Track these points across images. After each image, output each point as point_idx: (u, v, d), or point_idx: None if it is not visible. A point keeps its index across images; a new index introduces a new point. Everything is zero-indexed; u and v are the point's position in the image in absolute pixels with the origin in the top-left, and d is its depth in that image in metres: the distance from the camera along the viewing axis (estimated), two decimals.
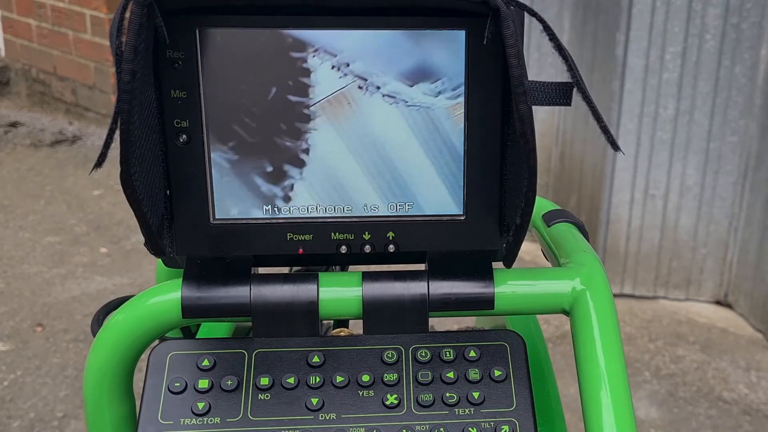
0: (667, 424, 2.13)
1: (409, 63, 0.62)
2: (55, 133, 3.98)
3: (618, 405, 0.60)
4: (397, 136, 0.64)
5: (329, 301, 0.65)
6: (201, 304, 0.64)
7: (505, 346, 0.66)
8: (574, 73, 0.58)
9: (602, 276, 0.67)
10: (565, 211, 0.79)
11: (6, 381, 2.23)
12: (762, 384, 2.29)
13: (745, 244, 2.51)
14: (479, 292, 0.65)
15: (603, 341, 0.62)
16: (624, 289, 2.67)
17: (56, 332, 2.44)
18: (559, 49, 0.59)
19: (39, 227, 3.08)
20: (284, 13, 0.61)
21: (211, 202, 0.65)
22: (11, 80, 4.40)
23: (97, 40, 3.81)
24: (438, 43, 0.62)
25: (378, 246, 0.66)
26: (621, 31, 2.39)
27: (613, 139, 0.60)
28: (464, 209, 0.66)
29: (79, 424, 2.07)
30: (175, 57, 0.61)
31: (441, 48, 0.62)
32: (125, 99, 0.53)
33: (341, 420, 0.62)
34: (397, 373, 0.64)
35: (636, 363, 2.35)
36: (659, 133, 2.47)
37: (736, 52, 2.35)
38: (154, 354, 0.64)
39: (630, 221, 2.59)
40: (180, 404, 0.62)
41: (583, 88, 0.59)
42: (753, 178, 2.44)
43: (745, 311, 2.57)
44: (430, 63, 0.62)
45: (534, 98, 0.58)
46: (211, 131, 0.63)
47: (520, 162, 0.59)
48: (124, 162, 0.54)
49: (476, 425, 0.61)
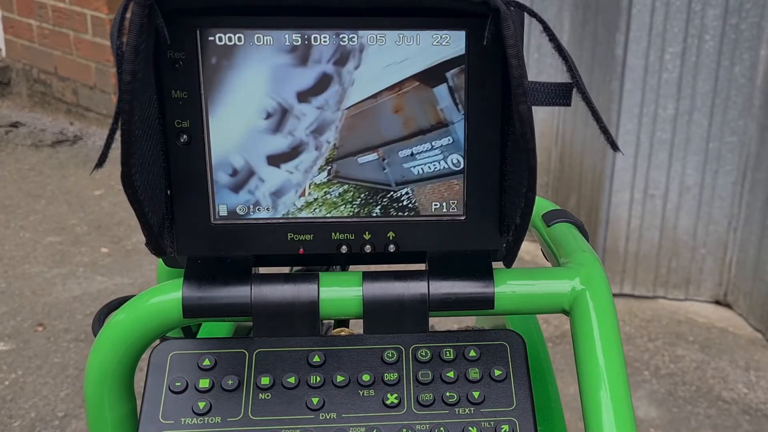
0: (667, 423, 2.13)
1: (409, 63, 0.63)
2: (56, 133, 3.98)
3: (617, 404, 0.60)
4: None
5: (330, 301, 0.65)
6: (202, 304, 0.64)
7: (505, 346, 0.66)
8: (573, 73, 0.59)
9: (602, 276, 0.67)
10: (565, 211, 0.79)
11: (7, 381, 2.23)
12: (761, 383, 2.29)
13: (745, 244, 2.51)
14: (479, 292, 0.65)
15: (603, 341, 0.63)
16: (623, 288, 2.67)
17: (57, 332, 2.44)
18: (559, 49, 0.59)
19: (40, 227, 3.08)
20: (285, 14, 0.61)
21: (211, 202, 0.65)
22: (12, 80, 4.40)
23: (98, 40, 3.81)
24: (438, 44, 0.62)
25: (378, 246, 0.66)
26: (621, 31, 2.39)
27: (612, 140, 0.61)
28: (464, 209, 0.66)
29: (80, 423, 2.08)
30: (176, 57, 0.61)
31: (441, 48, 0.62)
32: (126, 99, 0.53)
33: (341, 419, 0.62)
34: (398, 372, 0.64)
35: (635, 362, 2.35)
36: (659, 133, 2.47)
37: (736, 52, 2.35)
38: (155, 354, 0.64)
39: (629, 221, 2.60)
40: (181, 404, 0.62)
41: (582, 88, 0.59)
42: (752, 178, 2.44)
43: (744, 311, 2.57)
44: (430, 63, 0.63)
45: (534, 98, 0.58)
46: (212, 131, 0.63)
47: (520, 162, 0.60)
48: (125, 162, 0.55)
49: (476, 425, 0.62)
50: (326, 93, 0.63)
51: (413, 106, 0.64)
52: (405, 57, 0.62)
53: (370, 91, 0.63)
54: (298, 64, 0.62)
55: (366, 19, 0.61)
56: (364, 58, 0.62)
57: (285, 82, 0.62)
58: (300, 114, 0.63)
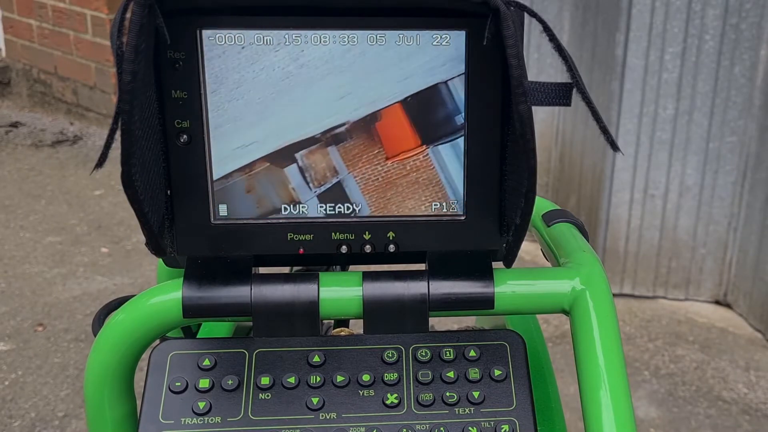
0: (667, 423, 2.13)
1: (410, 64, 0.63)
2: (56, 133, 3.98)
3: (617, 404, 0.60)
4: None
5: (330, 301, 0.65)
6: (202, 304, 0.64)
7: (505, 346, 0.66)
8: (573, 73, 0.59)
9: (602, 276, 0.67)
10: (565, 211, 0.79)
11: (7, 381, 2.23)
12: (761, 383, 2.29)
13: (745, 244, 2.51)
14: (479, 292, 0.65)
15: (602, 341, 0.63)
16: (623, 288, 2.67)
17: (57, 332, 2.44)
18: (559, 49, 0.59)
19: (40, 227, 3.08)
20: (285, 14, 0.61)
21: (211, 202, 0.65)
22: (12, 80, 4.40)
23: (98, 40, 3.81)
24: (438, 44, 0.62)
25: (378, 246, 0.66)
26: (620, 31, 2.39)
27: (612, 140, 0.61)
28: (464, 209, 0.66)
29: (80, 423, 2.08)
30: (176, 57, 0.61)
31: (441, 48, 0.62)
32: (126, 99, 0.53)
33: (341, 419, 0.62)
34: (398, 372, 0.64)
35: (635, 362, 2.35)
36: (659, 133, 2.47)
37: (736, 52, 2.35)
38: (155, 353, 0.64)
39: (629, 221, 2.60)
40: (181, 404, 0.62)
41: (582, 88, 0.59)
42: (752, 178, 2.45)
43: (744, 311, 2.57)
44: (431, 63, 0.63)
45: (534, 98, 0.58)
46: (212, 131, 0.63)
47: (520, 162, 0.60)
48: (125, 162, 0.55)
49: (476, 425, 0.62)
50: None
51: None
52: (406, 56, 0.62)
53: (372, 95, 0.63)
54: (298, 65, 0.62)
55: (366, 19, 0.61)
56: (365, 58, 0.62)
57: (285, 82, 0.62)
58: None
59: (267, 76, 0.62)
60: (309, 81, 0.62)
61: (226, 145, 0.64)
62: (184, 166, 0.64)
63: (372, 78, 0.63)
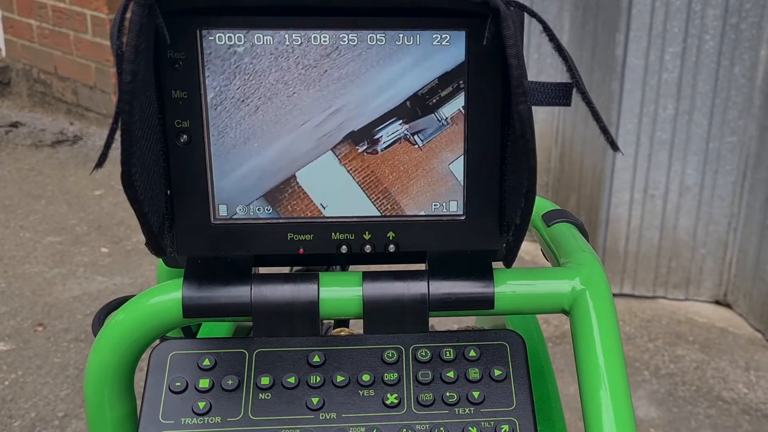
0: (667, 423, 2.13)
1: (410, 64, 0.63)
2: (56, 133, 3.98)
3: (617, 404, 0.60)
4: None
5: (330, 301, 0.65)
6: (202, 304, 0.64)
7: (505, 346, 0.66)
8: (573, 73, 0.59)
9: (602, 276, 0.67)
10: (565, 211, 0.79)
11: (7, 381, 2.23)
12: (761, 383, 2.29)
13: (745, 244, 2.52)
14: (479, 292, 0.65)
15: (602, 341, 0.63)
16: (623, 288, 2.67)
17: (57, 332, 2.44)
18: (559, 49, 0.59)
19: (40, 227, 3.08)
20: (285, 14, 0.61)
21: (211, 202, 0.65)
22: (12, 80, 4.40)
23: (98, 40, 3.81)
24: (438, 44, 0.62)
25: (378, 246, 0.66)
26: (620, 31, 2.39)
27: (612, 140, 0.61)
28: (464, 209, 0.66)
29: (80, 423, 2.08)
30: (176, 57, 0.61)
31: (441, 48, 0.62)
32: (126, 99, 0.53)
33: (341, 419, 0.62)
34: (398, 372, 0.64)
35: (635, 362, 2.35)
36: (658, 133, 2.47)
37: (736, 52, 2.35)
38: (155, 353, 0.65)
39: (629, 221, 2.60)
40: (181, 404, 0.62)
41: (582, 88, 0.59)
42: (752, 178, 2.45)
43: (744, 311, 2.57)
44: (431, 63, 0.63)
45: (534, 98, 0.58)
46: (212, 131, 0.63)
47: (520, 162, 0.60)
48: (125, 162, 0.55)
49: (476, 425, 0.62)
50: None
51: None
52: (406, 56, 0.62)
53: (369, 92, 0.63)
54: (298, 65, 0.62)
55: (366, 19, 0.61)
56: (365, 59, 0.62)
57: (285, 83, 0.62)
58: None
59: (267, 75, 0.62)
60: (309, 81, 0.62)
61: (226, 144, 0.64)
62: (184, 166, 0.64)
63: (372, 78, 0.63)
